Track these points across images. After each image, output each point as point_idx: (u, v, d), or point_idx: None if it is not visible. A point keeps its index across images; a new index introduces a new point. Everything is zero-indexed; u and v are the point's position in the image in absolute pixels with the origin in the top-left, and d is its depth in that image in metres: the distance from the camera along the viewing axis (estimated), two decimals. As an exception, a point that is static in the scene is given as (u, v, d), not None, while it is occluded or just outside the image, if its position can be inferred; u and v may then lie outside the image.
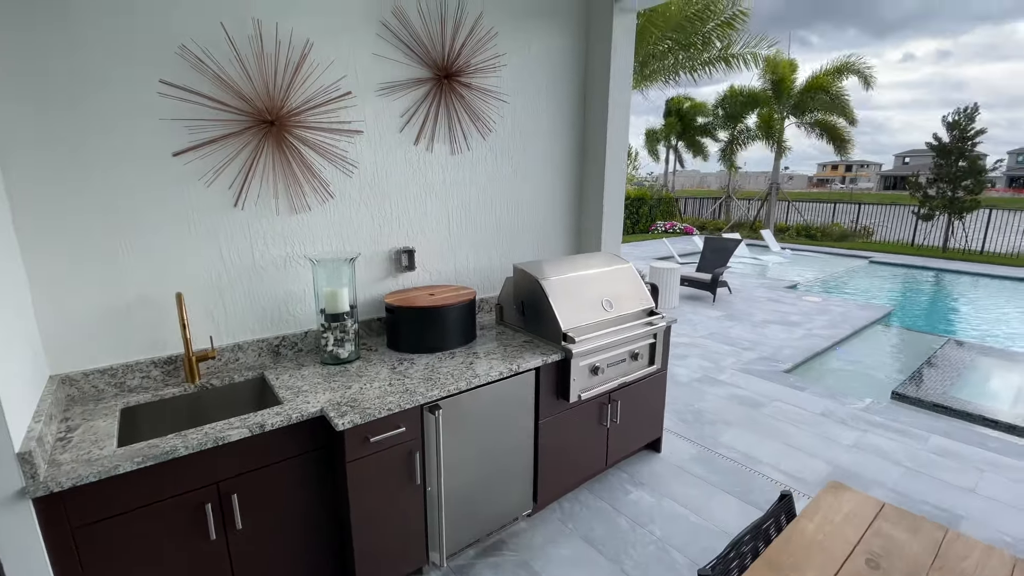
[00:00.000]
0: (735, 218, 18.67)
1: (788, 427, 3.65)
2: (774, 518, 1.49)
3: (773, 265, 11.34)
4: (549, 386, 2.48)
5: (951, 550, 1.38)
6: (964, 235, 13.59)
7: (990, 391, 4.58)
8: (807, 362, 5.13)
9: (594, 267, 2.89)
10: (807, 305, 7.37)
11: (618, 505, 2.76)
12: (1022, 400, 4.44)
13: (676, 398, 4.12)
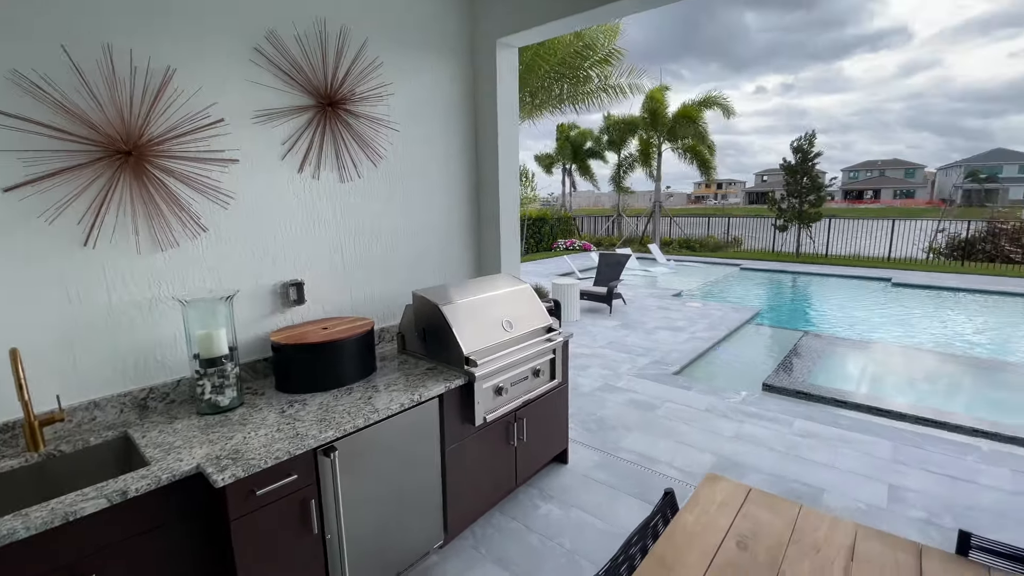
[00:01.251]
0: (626, 234, 20.12)
1: (679, 425, 3.97)
2: (660, 515, 1.62)
3: (661, 276, 12.35)
4: (454, 412, 2.47)
5: (805, 524, 1.59)
6: (812, 241, 15.88)
7: (841, 375, 5.36)
8: (692, 363, 5.63)
9: (494, 289, 2.96)
10: (690, 311, 8.11)
11: (529, 522, 2.80)
12: (867, 381, 5.25)
13: (580, 408, 4.30)
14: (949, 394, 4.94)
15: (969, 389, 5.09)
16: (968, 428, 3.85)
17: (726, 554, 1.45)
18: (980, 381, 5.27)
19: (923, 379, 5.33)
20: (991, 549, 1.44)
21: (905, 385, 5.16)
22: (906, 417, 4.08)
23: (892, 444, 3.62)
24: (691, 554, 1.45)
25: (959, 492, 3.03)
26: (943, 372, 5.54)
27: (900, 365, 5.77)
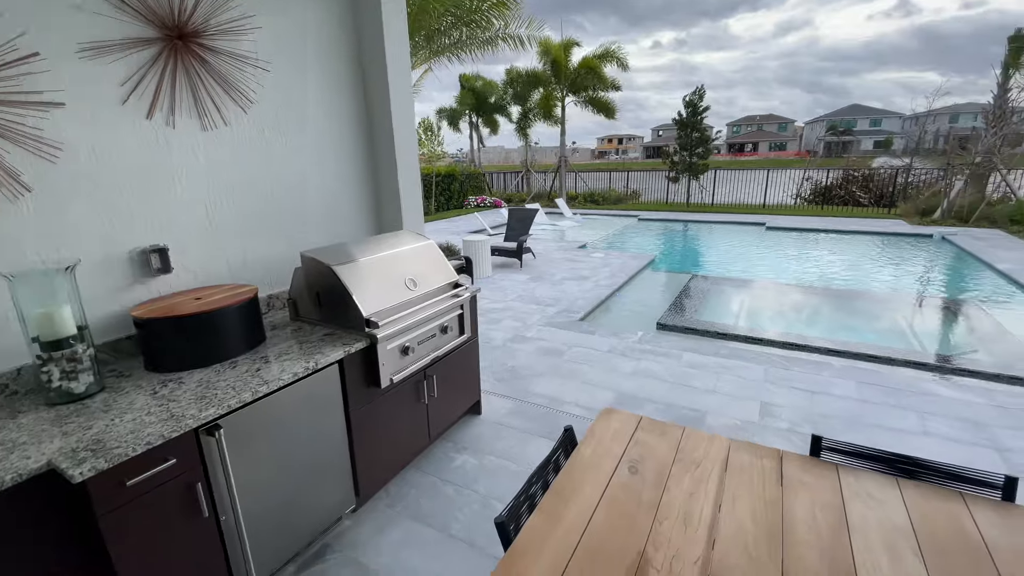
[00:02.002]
0: (535, 189, 20.31)
1: (584, 368, 4.20)
2: (561, 450, 1.70)
3: (568, 229, 12.71)
4: (358, 376, 2.38)
5: (687, 444, 1.75)
6: (701, 191, 17.16)
7: (724, 312, 5.94)
8: (596, 309, 5.94)
9: (395, 247, 2.83)
10: (594, 260, 8.48)
11: (444, 475, 2.84)
12: (744, 315, 5.87)
13: (492, 360, 4.38)
14: (810, 321, 5.70)
15: (826, 316, 5.91)
16: (824, 349, 4.48)
17: (619, 479, 1.56)
18: (835, 309, 6.13)
19: (790, 310, 6.09)
20: (838, 449, 1.69)
21: (776, 316, 5.86)
22: (775, 343, 4.65)
23: (763, 368, 4.12)
24: (588, 483, 1.54)
25: (816, 403, 3.55)
26: (806, 303, 6.36)
27: (772, 299, 6.53)
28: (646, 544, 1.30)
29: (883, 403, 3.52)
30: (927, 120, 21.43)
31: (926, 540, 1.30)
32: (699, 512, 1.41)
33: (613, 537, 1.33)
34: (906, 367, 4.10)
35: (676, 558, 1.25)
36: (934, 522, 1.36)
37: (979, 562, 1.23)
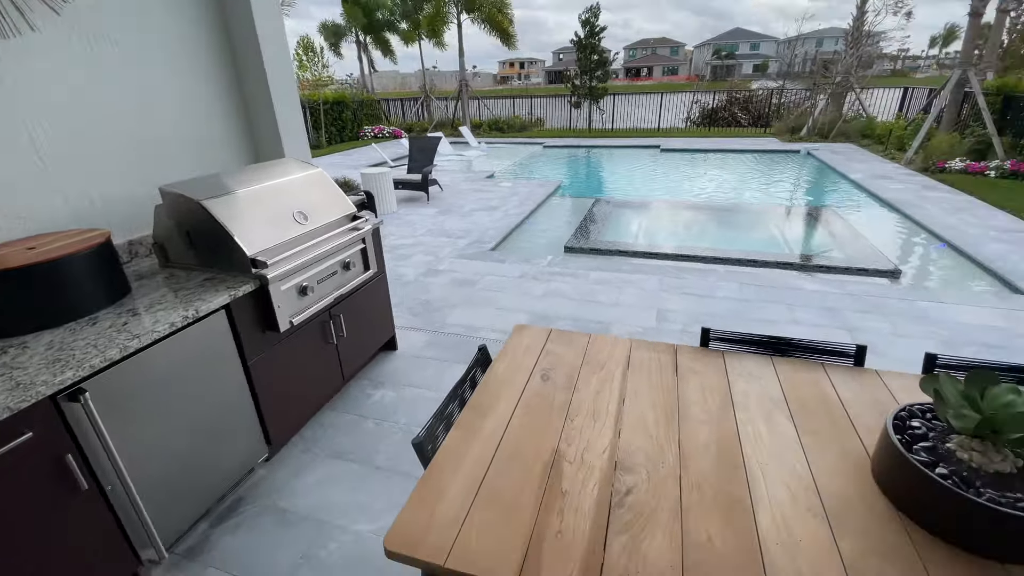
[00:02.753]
0: (437, 118, 19.29)
1: (497, 295, 4.25)
2: (476, 369, 1.71)
3: (475, 159, 12.37)
4: (250, 321, 2.18)
5: (592, 349, 1.84)
6: (601, 116, 17.36)
7: (625, 231, 6.23)
8: (506, 239, 5.95)
9: (276, 177, 2.54)
10: (502, 190, 8.40)
11: (363, 411, 2.80)
12: (643, 234, 6.20)
13: (406, 295, 4.27)
14: (700, 235, 6.17)
15: (713, 229, 6.42)
16: (710, 258, 4.90)
17: (532, 388, 1.61)
18: (720, 222, 6.67)
19: (683, 226, 6.54)
20: (723, 338, 1.87)
21: (670, 232, 6.27)
22: (669, 257, 5.00)
23: (659, 279, 4.44)
24: (504, 395, 1.57)
25: (704, 305, 3.92)
26: (696, 219, 6.85)
27: (667, 217, 6.95)
28: (559, 441, 1.37)
29: (760, 299, 3.98)
30: (797, 44, 23.11)
31: (795, 404, 1.50)
32: (606, 407, 1.51)
33: (529, 439, 1.38)
34: (777, 268, 4.63)
35: (587, 449, 1.34)
36: (801, 389, 1.57)
37: (836, 416, 1.44)
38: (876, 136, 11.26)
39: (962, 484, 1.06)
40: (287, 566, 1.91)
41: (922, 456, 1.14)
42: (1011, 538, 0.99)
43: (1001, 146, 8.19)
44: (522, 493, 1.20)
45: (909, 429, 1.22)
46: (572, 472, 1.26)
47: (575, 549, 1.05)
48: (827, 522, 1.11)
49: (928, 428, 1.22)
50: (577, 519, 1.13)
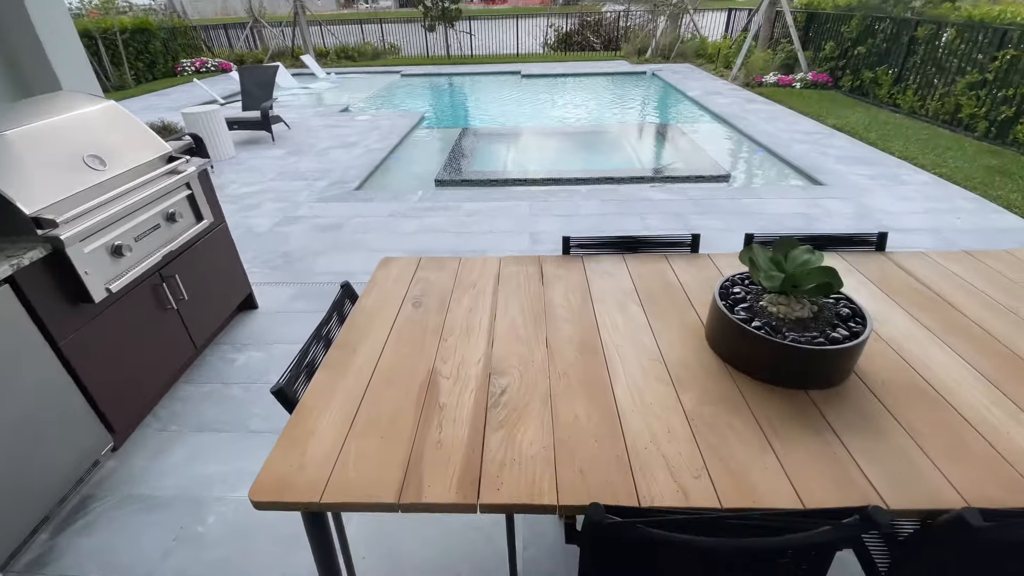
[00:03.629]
0: (272, 47, 16.84)
1: (367, 236, 4.02)
2: (337, 308, 1.61)
3: (325, 91, 11.17)
4: (51, 294, 1.79)
5: (464, 271, 1.82)
6: (459, 43, 16.54)
7: (494, 160, 6.19)
8: (371, 176, 5.58)
9: (52, 114, 2.02)
10: (360, 124, 7.76)
11: (227, 378, 2.54)
12: (511, 163, 6.20)
13: (261, 248, 3.85)
14: (564, 158, 6.35)
15: (575, 151, 6.64)
16: (574, 179, 5.10)
17: (404, 316, 1.56)
18: (581, 144, 6.91)
19: (549, 151, 6.67)
20: (582, 244, 1.96)
21: (537, 158, 6.37)
22: (538, 182, 5.11)
23: (529, 204, 4.53)
24: (374, 328, 1.50)
25: (570, 223, 4.11)
26: (560, 143, 7.01)
27: (534, 143, 7.02)
28: (435, 361, 1.36)
29: (618, 212, 4.28)
30: None
31: (643, 293, 1.65)
32: (479, 322, 1.52)
33: (404, 364, 1.35)
34: (632, 183, 4.98)
35: (462, 364, 1.35)
36: (648, 279, 1.73)
37: (676, 297, 1.62)
38: (708, 56, 12.30)
39: (772, 332, 1.26)
40: (158, 552, 1.74)
41: (741, 315, 1.33)
42: (809, 369, 1.22)
43: (805, 60, 9.46)
44: (400, 415, 1.19)
45: (732, 295, 1.41)
46: (449, 386, 1.27)
47: (455, 453, 1.08)
48: (672, 385, 1.26)
49: (746, 291, 1.42)
50: (456, 427, 1.15)
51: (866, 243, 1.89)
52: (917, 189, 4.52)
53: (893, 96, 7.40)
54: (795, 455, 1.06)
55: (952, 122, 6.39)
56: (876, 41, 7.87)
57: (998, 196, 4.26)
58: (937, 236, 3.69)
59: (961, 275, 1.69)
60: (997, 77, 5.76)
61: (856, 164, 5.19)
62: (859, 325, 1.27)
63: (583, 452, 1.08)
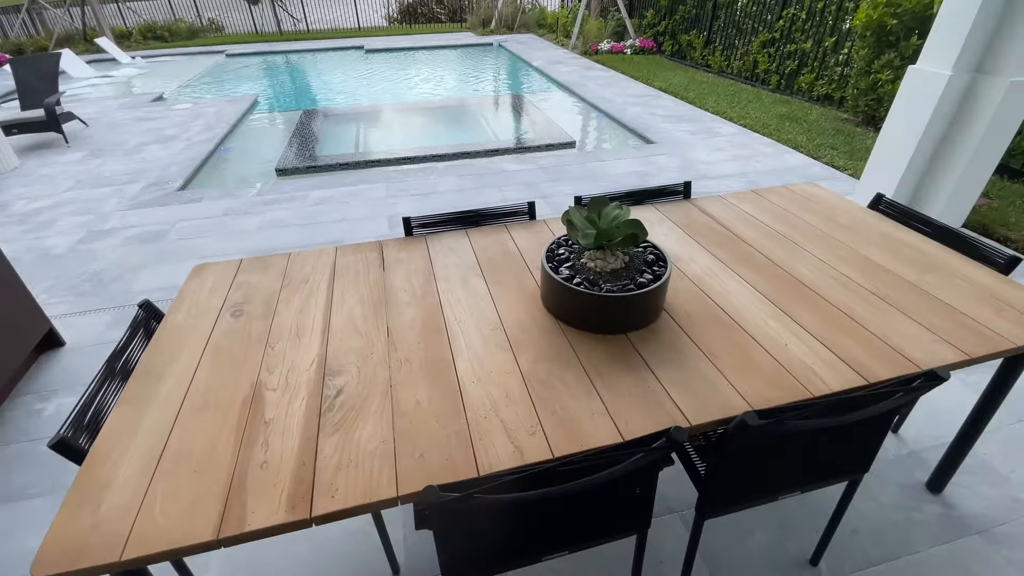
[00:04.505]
0: (58, 31, 13.81)
1: (199, 241, 3.55)
2: (140, 329, 1.39)
3: (132, 79, 9.52)
4: None
5: (294, 268, 1.68)
6: (291, 17, 15.05)
7: (343, 142, 5.80)
8: (198, 172, 4.91)
9: None
10: (180, 115, 6.76)
11: (34, 433, 2.11)
12: (363, 142, 5.86)
13: (63, 273, 3.22)
14: (418, 135, 6.17)
15: (429, 127, 6.49)
16: (429, 156, 4.99)
17: (222, 328, 1.40)
18: (435, 120, 6.77)
19: (402, 128, 6.43)
20: (423, 224, 1.92)
21: (390, 137, 6.11)
22: (392, 162, 4.91)
23: (385, 185, 4.35)
24: (184, 348, 1.33)
25: (429, 202, 4.03)
26: (414, 120, 6.80)
27: (385, 121, 6.71)
28: (260, 373, 1.24)
29: (476, 187, 4.29)
30: None
31: (485, 264, 1.67)
32: (311, 322, 1.42)
33: (222, 384, 1.21)
34: (487, 156, 5.02)
35: (292, 370, 1.25)
36: (490, 250, 1.75)
37: (515, 264, 1.66)
38: (549, 25, 12.71)
39: (590, 286, 1.34)
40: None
41: (565, 273, 1.40)
42: (624, 314, 1.33)
43: (632, 27, 10.20)
44: (218, 441, 1.06)
45: (557, 256, 1.48)
46: (276, 398, 1.17)
47: (284, 470, 1.00)
48: (511, 350, 1.30)
49: (569, 251, 1.50)
50: (284, 441, 1.06)
51: (675, 193, 2.11)
52: (728, 139, 5.18)
53: (705, 58, 8.34)
54: (618, 396, 1.15)
55: (752, 78, 7.40)
56: (687, 8, 8.74)
57: (788, 139, 5.05)
58: (744, 179, 4.29)
59: (750, 212, 1.97)
60: (783, 35, 6.75)
61: (679, 122, 5.78)
62: (662, 268, 1.41)
63: (424, 436, 1.07)
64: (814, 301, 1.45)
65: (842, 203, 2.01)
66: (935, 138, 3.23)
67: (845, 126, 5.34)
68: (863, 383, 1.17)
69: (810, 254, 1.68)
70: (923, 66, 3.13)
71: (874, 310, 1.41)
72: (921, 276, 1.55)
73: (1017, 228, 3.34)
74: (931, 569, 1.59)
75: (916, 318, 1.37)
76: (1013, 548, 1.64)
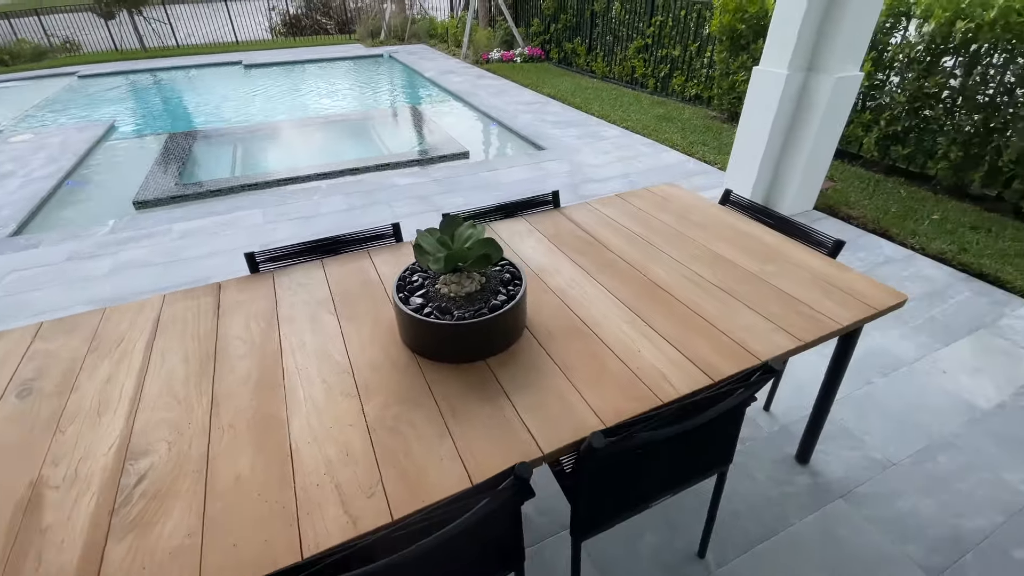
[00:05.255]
0: None
1: (34, 295, 3.04)
2: None
3: (-51, 109, 8.12)
4: None
5: (107, 327, 1.44)
6: (154, 32, 13.72)
7: (215, 166, 5.31)
8: (37, 214, 4.25)
9: None
10: (18, 148, 5.84)
11: None
12: (238, 166, 5.40)
13: None
14: (300, 154, 5.80)
15: (313, 145, 6.13)
16: (313, 175, 4.70)
17: (5, 414, 1.15)
18: (320, 136, 6.42)
19: (281, 147, 6.02)
20: (270, 258, 1.74)
21: (268, 157, 5.69)
22: (270, 184, 4.56)
23: (263, 211, 4.02)
24: (-60, 449, 1.06)
25: (311, 226, 3.76)
26: (295, 137, 6.40)
27: (264, 140, 6.25)
28: (42, 466, 1.02)
29: (364, 205, 4.09)
30: None
31: (339, 297, 1.54)
32: (119, 393, 1.21)
33: (-13, 489, 0.98)
34: (377, 171, 4.83)
35: (84, 459, 1.04)
36: (347, 281, 1.62)
37: (376, 294, 1.54)
38: (440, 35, 12.65)
39: (441, 314, 1.26)
40: None
41: (417, 302, 1.31)
42: (479, 340, 1.26)
43: (519, 36, 10.40)
44: (-34, 568, 0.85)
45: (411, 284, 1.39)
46: (58, 498, 0.96)
47: (51, 593, 0.81)
48: (358, 396, 1.18)
49: (424, 277, 1.41)
50: (62, 555, 0.87)
51: (545, 203, 2.11)
52: (612, 142, 5.40)
53: (589, 64, 8.69)
54: (471, 431, 1.08)
55: (632, 82, 7.81)
56: (568, 16, 9.07)
57: (665, 139, 5.36)
58: (626, 180, 4.47)
59: (613, 217, 2.00)
60: (655, 41, 7.18)
61: (568, 127, 5.95)
62: (518, 286, 1.37)
63: (242, 518, 0.92)
64: (667, 302, 1.48)
65: (696, 201, 2.10)
66: (782, 131, 3.55)
67: (714, 123, 5.77)
68: (709, 382, 1.19)
69: (666, 255, 1.73)
70: (764, 67, 3.43)
71: (721, 306, 1.46)
72: (762, 267, 1.64)
73: (857, 207, 3.76)
74: (803, 539, 1.69)
75: (758, 308, 1.44)
76: (872, 507, 1.79)
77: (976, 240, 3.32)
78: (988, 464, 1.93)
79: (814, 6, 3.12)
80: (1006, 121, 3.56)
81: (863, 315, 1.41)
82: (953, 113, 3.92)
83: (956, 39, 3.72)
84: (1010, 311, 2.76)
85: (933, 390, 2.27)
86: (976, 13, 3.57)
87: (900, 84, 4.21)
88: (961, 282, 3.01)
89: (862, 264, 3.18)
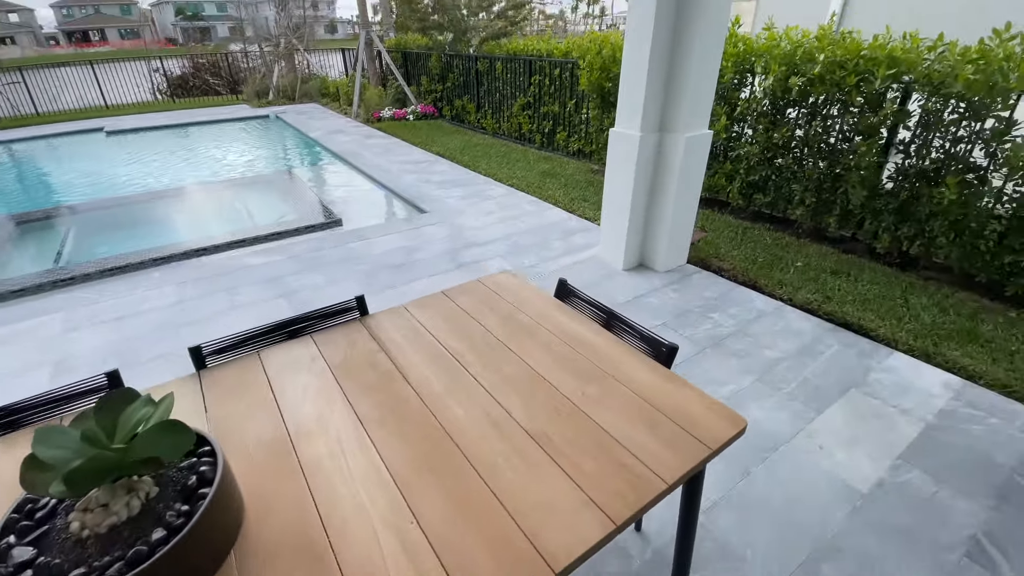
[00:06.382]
0: None
1: None
2: None
3: None
4: None
5: None
6: (10, 100, 12.24)
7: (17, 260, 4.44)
8: None
9: None
10: None
11: None
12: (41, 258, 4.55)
13: None
14: (132, 236, 5.02)
15: (157, 223, 5.39)
16: (142, 262, 4.01)
17: None
18: (168, 212, 5.69)
19: (119, 227, 5.23)
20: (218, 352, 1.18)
21: (87, 244, 4.88)
22: (78, 279, 3.78)
23: (65, 314, 3.29)
24: None
25: (124, 330, 3.10)
26: (130, 216, 5.55)
27: (92, 222, 5.40)
28: None
29: (199, 295, 3.49)
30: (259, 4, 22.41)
31: None
32: None
33: None
34: (227, 250, 4.24)
35: None
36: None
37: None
38: (332, 94, 12.35)
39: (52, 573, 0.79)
40: None
41: (28, 554, 0.83)
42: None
43: (411, 94, 10.33)
44: None
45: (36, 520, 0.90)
46: None
47: None
48: None
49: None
50: None
51: (348, 311, 1.71)
52: (497, 202, 5.21)
53: (479, 120, 8.70)
54: None
55: (520, 138, 7.85)
56: (456, 75, 9.11)
57: (549, 195, 5.25)
58: (508, 242, 4.24)
59: (428, 327, 1.64)
60: (536, 99, 7.29)
61: (453, 187, 5.72)
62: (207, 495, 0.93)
63: None
64: (451, 468, 1.11)
65: (530, 293, 1.81)
66: (645, 189, 3.47)
67: (596, 177, 5.79)
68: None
69: (475, 381, 1.38)
70: (619, 128, 3.37)
71: (522, 465, 1.11)
72: (585, 389, 1.33)
73: (728, 258, 3.74)
74: None
75: (567, 468, 1.10)
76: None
77: (837, 286, 3.35)
78: (874, 569, 1.71)
79: (655, 74, 3.11)
80: (848, 167, 3.73)
81: (696, 459, 1.12)
82: (802, 161, 4.09)
83: (794, 92, 3.91)
84: (876, 363, 2.70)
85: (812, 473, 2.07)
86: (806, 68, 3.78)
87: (753, 136, 4.38)
88: (829, 333, 2.96)
89: (735, 321, 3.06)
